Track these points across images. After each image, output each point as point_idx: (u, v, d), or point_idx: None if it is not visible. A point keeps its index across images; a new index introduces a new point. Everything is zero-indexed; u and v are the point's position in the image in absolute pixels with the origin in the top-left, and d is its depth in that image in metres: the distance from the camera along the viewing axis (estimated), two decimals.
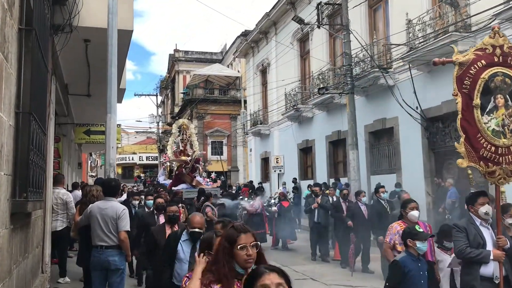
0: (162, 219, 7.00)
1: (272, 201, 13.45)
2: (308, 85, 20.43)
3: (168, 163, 16.16)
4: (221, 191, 14.86)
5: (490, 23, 10.09)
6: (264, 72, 26.77)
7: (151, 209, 7.71)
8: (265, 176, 26.74)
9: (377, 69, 14.01)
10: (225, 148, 38.50)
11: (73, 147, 15.11)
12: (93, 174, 44.87)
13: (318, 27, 15.16)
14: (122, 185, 18.29)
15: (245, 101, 33.10)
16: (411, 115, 13.17)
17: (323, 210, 10.99)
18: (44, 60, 5.23)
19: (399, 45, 12.90)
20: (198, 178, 14.67)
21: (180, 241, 4.40)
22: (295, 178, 21.33)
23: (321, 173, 19.35)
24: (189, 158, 15.08)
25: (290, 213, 13.49)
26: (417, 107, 13.12)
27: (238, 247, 2.58)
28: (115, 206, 5.25)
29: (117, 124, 12.54)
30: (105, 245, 5.09)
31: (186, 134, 16.12)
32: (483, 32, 10.57)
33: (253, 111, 26.98)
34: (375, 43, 14.58)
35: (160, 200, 7.80)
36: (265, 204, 13.20)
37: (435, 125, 12.90)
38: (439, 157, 12.92)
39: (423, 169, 13.14)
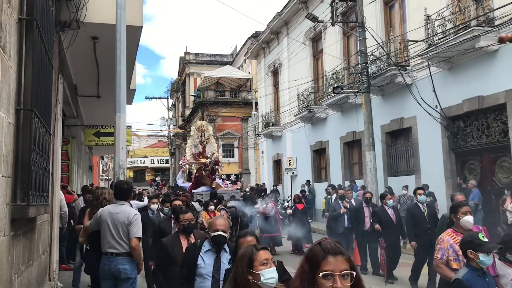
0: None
1: (286, 203, 13.03)
2: (321, 85, 20.03)
3: (187, 166, 15.88)
4: (241, 193, 14.52)
5: None
6: (275, 73, 26.40)
7: (168, 215, 7.17)
8: (278, 179, 26.34)
9: (394, 67, 13.57)
10: (236, 151, 38.18)
11: (83, 149, 14.86)
12: (104, 176, 44.77)
13: (333, 24, 14.76)
14: (141, 189, 17.97)
15: (256, 103, 32.81)
16: (430, 114, 12.71)
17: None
18: (48, 55, 4.91)
19: (417, 41, 12.44)
20: (217, 180, 14.38)
21: (201, 253, 3.78)
22: (308, 181, 20.93)
23: (336, 175, 18.91)
24: (208, 160, 14.78)
25: (305, 215, 13.09)
26: (436, 106, 12.66)
27: (321, 274, 1.86)
28: (126, 210, 4.86)
29: (127, 126, 12.30)
30: (116, 252, 4.72)
31: (204, 136, 15.83)
32: (508, 25, 10.12)
33: (264, 112, 26.60)
34: (392, 41, 14.12)
35: (177, 202, 7.28)
36: (279, 207, 12.77)
37: (456, 124, 12.42)
38: (460, 157, 12.42)
39: (444, 169, 12.65)
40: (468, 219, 4.50)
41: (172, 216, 6.66)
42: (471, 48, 10.99)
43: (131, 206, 5.22)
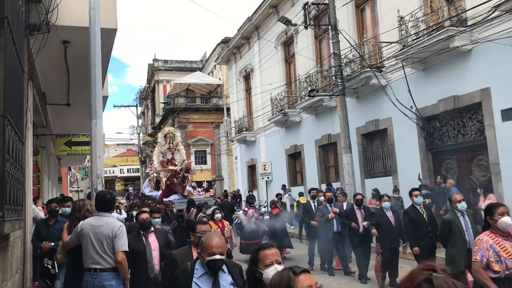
0: (152, 241, 5.87)
1: (263, 209, 12.79)
2: (294, 89, 19.97)
3: (155, 174, 15.34)
4: (214, 201, 14.16)
5: (490, 15, 9.74)
6: (247, 78, 26.25)
7: (136, 230, 6.16)
8: (252, 184, 26.12)
9: (368, 69, 13.59)
10: (209, 157, 37.76)
11: (52, 160, 14.27)
12: (75, 188, 43.66)
13: (306, 27, 14.69)
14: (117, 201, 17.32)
15: (227, 109, 32.55)
16: (406, 115, 12.75)
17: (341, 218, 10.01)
18: (19, 58, 4.57)
19: (391, 43, 12.50)
20: (188, 187, 13.93)
21: (194, 279, 3.16)
22: (284, 185, 20.78)
23: (312, 179, 18.82)
24: (179, 167, 14.33)
25: (281, 220, 12.82)
26: (411, 107, 12.71)
27: None
28: (110, 222, 4.53)
29: None
30: (100, 267, 4.39)
31: (172, 143, 15.36)
32: (481, 25, 10.23)
33: (237, 118, 26.38)
34: (365, 43, 14.16)
35: (144, 216, 6.01)
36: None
37: (431, 124, 12.50)
38: (437, 157, 12.51)
39: (421, 170, 12.71)
40: (506, 220, 4.22)
41: (141, 232, 6.00)
42: (445, 48, 11.08)
43: None
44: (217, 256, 3.11)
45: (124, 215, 10.53)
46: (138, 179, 53.89)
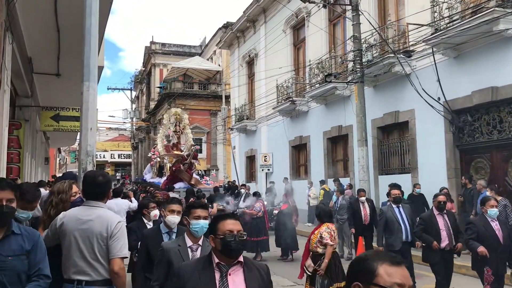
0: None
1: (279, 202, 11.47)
2: (302, 76, 18.70)
3: (158, 159, 13.90)
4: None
5: None
6: (250, 63, 24.89)
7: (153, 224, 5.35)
8: (250, 176, 24.85)
9: (392, 55, 12.34)
10: (204, 146, 36.45)
11: (39, 137, 12.87)
12: (63, 172, 42.05)
13: (325, 6, 13.40)
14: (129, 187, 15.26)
15: (226, 96, 31.28)
16: (433, 107, 11.54)
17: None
18: None
19: (422, 25, 11.22)
20: (195, 175, 12.59)
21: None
22: (286, 178, 19.56)
23: (317, 172, 17.59)
24: (186, 152, 12.95)
25: (290, 217, 11.54)
26: (439, 98, 11.51)
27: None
28: (105, 216, 3.19)
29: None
30: (87, 279, 3.03)
31: (179, 126, 13.95)
32: None
33: (237, 105, 25.03)
34: (390, 26, 12.89)
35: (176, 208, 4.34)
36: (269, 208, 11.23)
37: (462, 118, 11.29)
38: (466, 154, 11.31)
39: (446, 168, 11.51)
40: None
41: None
42: (487, 32, 9.85)
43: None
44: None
45: (135, 203, 9.15)
46: (130, 165, 52.49)
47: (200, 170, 13.99)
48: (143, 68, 50.02)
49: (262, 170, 21.70)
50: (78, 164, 5.13)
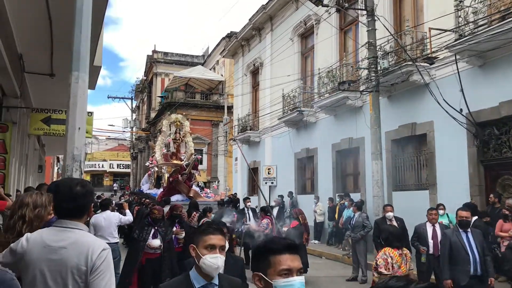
0: None
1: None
2: (310, 86, 17.91)
3: (156, 168, 12.96)
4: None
5: None
6: (255, 73, 24.13)
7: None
8: (252, 189, 23.91)
9: (410, 62, 11.54)
10: (205, 157, 35.55)
11: (31, 143, 12.00)
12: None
13: (338, 10, 12.67)
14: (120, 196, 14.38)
15: (228, 107, 30.55)
16: (455, 119, 10.71)
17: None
18: None
19: (446, 30, 10.43)
20: (195, 187, 11.66)
21: None
22: (290, 192, 18.69)
23: (325, 187, 16.71)
24: (185, 162, 12.03)
25: (300, 237, 10.47)
26: (461, 109, 10.69)
27: None
28: (83, 242, 2.29)
29: (88, 112, 9.63)
30: None
31: (179, 133, 13.04)
32: None
33: (241, 115, 24.20)
34: (408, 32, 12.12)
35: None
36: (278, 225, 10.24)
37: (487, 132, 10.46)
38: (492, 171, 10.46)
39: (469, 185, 10.64)
40: None
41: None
42: None
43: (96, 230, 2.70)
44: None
45: (130, 216, 8.15)
46: (128, 175, 51.56)
47: (200, 182, 13.01)
48: (145, 77, 49.36)
49: (266, 183, 20.79)
50: (63, 171, 4.27)
